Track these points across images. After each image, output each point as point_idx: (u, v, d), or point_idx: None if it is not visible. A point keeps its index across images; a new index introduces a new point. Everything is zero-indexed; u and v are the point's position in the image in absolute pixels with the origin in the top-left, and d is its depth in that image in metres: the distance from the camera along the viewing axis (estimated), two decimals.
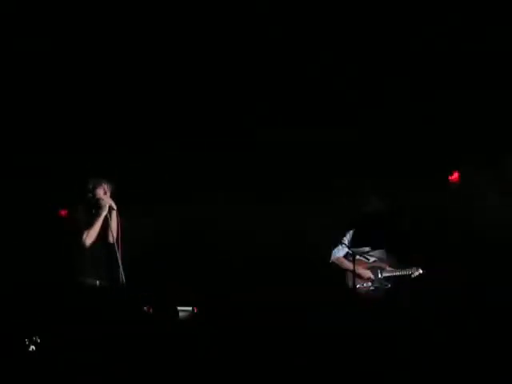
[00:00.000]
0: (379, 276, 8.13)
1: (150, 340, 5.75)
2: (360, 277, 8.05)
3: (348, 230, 8.15)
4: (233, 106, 8.48)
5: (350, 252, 7.97)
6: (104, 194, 6.72)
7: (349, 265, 7.99)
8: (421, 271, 8.05)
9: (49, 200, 7.90)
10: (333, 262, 8.08)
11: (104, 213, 6.52)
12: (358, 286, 7.98)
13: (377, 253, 8.25)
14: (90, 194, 6.72)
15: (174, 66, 8.10)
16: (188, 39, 7.94)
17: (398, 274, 8.17)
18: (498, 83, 8.03)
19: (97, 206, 6.60)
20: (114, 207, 6.57)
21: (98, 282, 6.54)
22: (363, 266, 8.10)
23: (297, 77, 8.24)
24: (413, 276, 8.07)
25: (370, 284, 8.08)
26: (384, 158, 8.62)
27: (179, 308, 6.73)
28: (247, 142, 8.63)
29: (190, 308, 6.85)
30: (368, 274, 8.11)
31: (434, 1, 7.56)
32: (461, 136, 8.39)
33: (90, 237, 6.50)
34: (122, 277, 6.41)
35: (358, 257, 8.00)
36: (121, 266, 6.42)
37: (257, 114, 8.47)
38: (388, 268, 8.20)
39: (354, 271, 7.77)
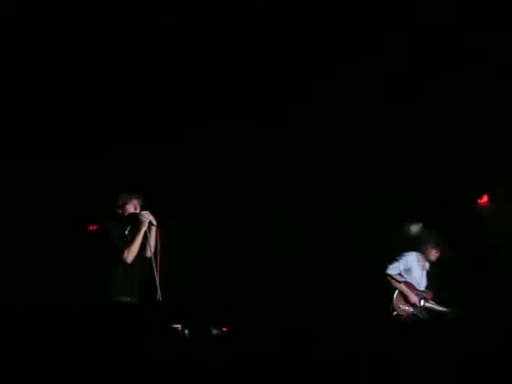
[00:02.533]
0: (421, 304, 8.10)
1: (178, 359, 5.69)
2: (407, 300, 8.04)
3: (409, 252, 8.15)
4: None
5: (403, 274, 8.01)
6: (134, 209, 6.62)
7: (402, 285, 8.00)
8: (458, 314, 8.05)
9: (78, 216, 7.78)
10: (388, 276, 8.04)
11: (144, 228, 6.41)
12: (401, 308, 7.98)
13: (424, 282, 8.25)
14: (120, 210, 6.62)
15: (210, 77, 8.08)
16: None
17: (439, 309, 8.16)
18: None
19: (134, 221, 6.50)
20: (154, 223, 6.46)
21: (132, 299, 6.44)
22: (413, 291, 8.09)
23: None
24: (448, 316, 8.07)
25: (412, 309, 8.05)
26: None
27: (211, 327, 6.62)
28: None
29: (218, 328, 6.75)
30: (415, 299, 8.08)
31: None
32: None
33: (131, 253, 6.40)
34: (159, 294, 6.29)
35: (410, 280, 8.03)
36: (158, 283, 6.30)
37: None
38: (431, 300, 8.19)
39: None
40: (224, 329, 6.78)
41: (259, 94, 8.37)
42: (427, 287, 8.29)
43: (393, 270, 8.07)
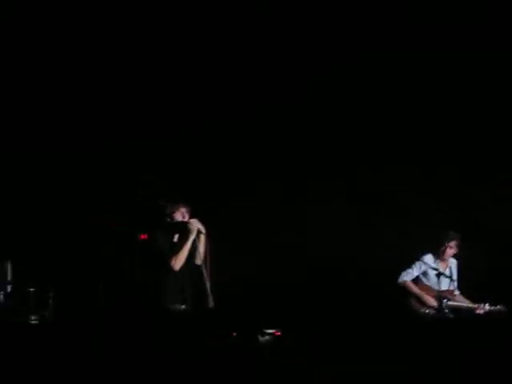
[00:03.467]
0: (445, 304, 7.95)
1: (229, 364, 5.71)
2: (424, 304, 7.95)
3: (424, 255, 8.06)
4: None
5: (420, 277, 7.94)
6: (182, 217, 6.65)
7: (416, 289, 7.95)
8: (487, 308, 7.91)
9: (126, 224, 7.83)
10: (400, 284, 7.99)
11: (192, 237, 6.45)
12: (422, 311, 7.89)
13: (446, 282, 8.11)
14: (169, 219, 6.67)
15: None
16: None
17: (464, 306, 8.03)
18: None
19: (182, 229, 6.54)
20: (203, 231, 6.49)
21: (183, 307, 6.45)
22: (430, 293, 7.99)
23: None
24: (477, 312, 7.93)
25: (433, 312, 7.93)
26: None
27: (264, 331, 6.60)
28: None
29: (271, 332, 6.72)
30: (433, 302, 7.96)
31: None
32: None
33: (179, 261, 6.44)
34: (211, 300, 6.32)
35: (426, 283, 7.94)
36: (208, 290, 6.33)
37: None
38: (456, 298, 8.08)
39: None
40: (277, 333, 6.78)
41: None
42: (450, 286, 8.14)
43: (406, 276, 7.99)
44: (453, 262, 8.21)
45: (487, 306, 7.93)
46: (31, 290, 6.66)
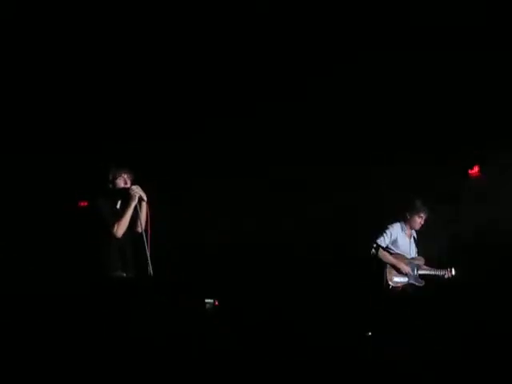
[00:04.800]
0: (415, 273, 8.11)
1: (175, 332, 5.71)
2: (399, 271, 8.04)
3: (392, 223, 8.14)
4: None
5: (390, 246, 8.02)
6: (124, 183, 6.57)
7: (390, 258, 7.99)
8: (454, 273, 8.08)
9: (67, 192, 7.74)
10: (373, 254, 8.02)
11: (134, 203, 6.36)
12: (395, 280, 7.98)
13: (414, 250, 8.26)
14: (111, 185, 6.57)
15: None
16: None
17: (433, 273, 8.19)
18: None
19: (124, 196, 6.46)
20: (145, 198, 6.41)
21: (128, 274, 6.40)
22: (403, 261, 8.09)
23: None
24: (446, 277, 8.11)
25: (406, 279, 8.06)
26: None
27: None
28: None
29: (212, 300, 6.75)
30: (406, 269, 8.07)
31: None
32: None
33: (121, 228, 6.35)
34: (150, 269, 6.29)
35: (397, 251, 8.03)
36: (149, 258, 6.29)
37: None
38: (424, 266, 8.22)
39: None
40: (216, 303, 6.81)
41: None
42: (417, 254, 8.31)
43: (380, 243, 8.06)
44: (413, 232, 8.34)
45: (453, 271, 8.11)
46: None
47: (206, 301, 6.65)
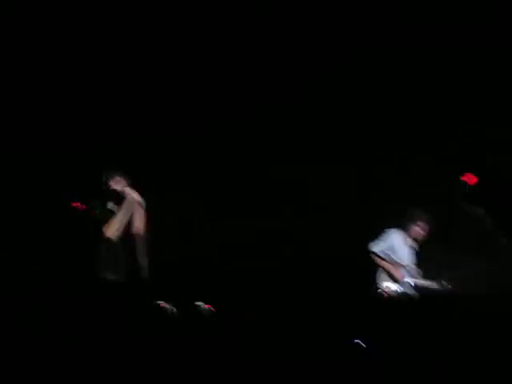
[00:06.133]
0: (409, 281, 8.03)
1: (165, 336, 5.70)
2: (393, 278, 8.00)
3: (391, 230, 8.07)
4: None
5: (386, 252, 7.97)
6: (119, 186, 6.58)
7: (384, 263, 7.94)
8: (445, 285, 8.02)
9: (62, 194, 7.76)
10: (371, 254, 7.91)
11: (127, 206, 6.41)
12: (385, 285, 7.92)
13: (410, 259, 8.19)
14: (105, 187, 6.59)
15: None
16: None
17: (426, 284, 8.11)
18: None
19: (118, 198, 6.49)
20: (141, 202, 6.46)
21: (118, 277, 6.41)
22: (397, 268, 8.03)
23: None
24: (440, 289, 8.02)
25: (398, 287, 8.00)
26: None
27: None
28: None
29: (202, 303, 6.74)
30: (398, 275, 8.01)
31: None
32: None
33: (114, 230, 6.40)
34: (145, 271, 6.30)
35: (395, 258, 7.99)
36: (144, 261, 6.31)
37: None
38: (419, 277, 8.15)
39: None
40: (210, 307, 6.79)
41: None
42: (416, 265, 8.23)
43: (375, 247, 8.00)
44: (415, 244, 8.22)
45: (444, 283, 8.06)
46: None
47: (196, 303, 6.66)
